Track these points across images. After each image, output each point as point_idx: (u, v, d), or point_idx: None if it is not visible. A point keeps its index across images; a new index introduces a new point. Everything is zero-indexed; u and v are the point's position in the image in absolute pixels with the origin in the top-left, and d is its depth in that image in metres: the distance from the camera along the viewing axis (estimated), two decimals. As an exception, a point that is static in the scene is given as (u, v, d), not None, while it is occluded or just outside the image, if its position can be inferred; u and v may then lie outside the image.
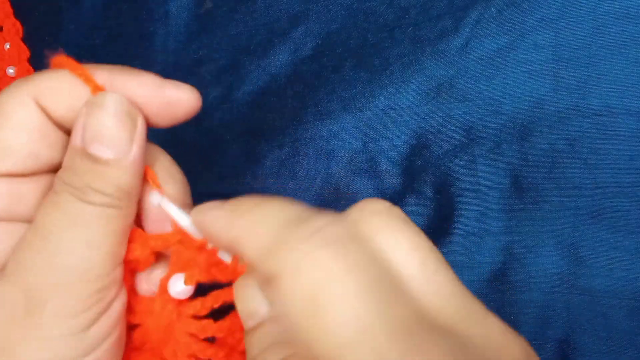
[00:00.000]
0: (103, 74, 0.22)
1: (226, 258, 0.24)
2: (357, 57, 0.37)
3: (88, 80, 0.22)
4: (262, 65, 0.39)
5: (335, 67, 0.37)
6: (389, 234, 0.19)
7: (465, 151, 0.35)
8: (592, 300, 0.32)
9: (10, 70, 0.43)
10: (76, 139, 0.21)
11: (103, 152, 0.21)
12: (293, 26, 0.39)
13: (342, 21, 0.38)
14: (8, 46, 0.43)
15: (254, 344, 0.20)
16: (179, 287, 0.24)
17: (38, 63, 0.43)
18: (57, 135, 0.22)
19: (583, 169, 0.33)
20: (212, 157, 0.40)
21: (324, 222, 0.18)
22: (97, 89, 0.22)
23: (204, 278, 0.24)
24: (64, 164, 0.22)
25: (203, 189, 0.40)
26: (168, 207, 0.24)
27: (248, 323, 0.21)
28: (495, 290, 0.34)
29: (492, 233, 0.34)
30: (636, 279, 0.32)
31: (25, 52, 0.43)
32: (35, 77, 0.22)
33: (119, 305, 0.23)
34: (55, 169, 0.23)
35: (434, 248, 0.19)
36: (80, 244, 0.21)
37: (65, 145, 0.23)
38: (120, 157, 0.21)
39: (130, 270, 0.24)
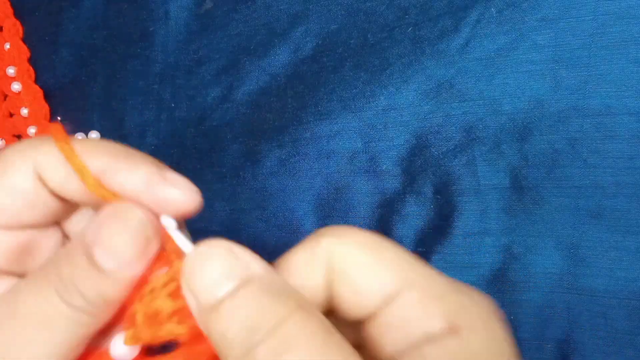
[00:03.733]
0: (100, 157, 0.21)
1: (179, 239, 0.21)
2: (357, 57, 0.37)
3: (82, 173, 0.21)
4: (262, 65, 0.39)
5: (335, 67, 0.37)
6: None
7: (465, 151, 0.35)
8: (592, 300, 0.32)
9: (10, 70, 0.43)
10: (88, 235, 0.20)
11: (106, 262, 0.20)
12: (293, 26, 0.39)
13: (342, 21, 0.38)
14: (8, 46, 0.43)
15: (238, 309, 0.19)
16: (119, 349, 0.21)
17: (38, 63, 0.43)
18: (50, 201, 0.22)
19: (583, 169, 0.33)
20: (212, 157, 0.40)
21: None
22: (97, 188, 0.21)
23: (153, 337, 0.21)
24: (61, 252, 0.21)
25: (203, 189, 0.40)
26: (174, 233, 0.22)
27: (216, 293, 0.19)
28: (495, 290, 0.34)
29: (492, 233, 0.34)
30: (636, 279, 0.32)
31: (25, 52, 0.43)
32: (40, 145, 0.22)
33: None
34: (36, 227, 0.23)
35: None
36: (37, 337, 0.20)
37: (54, 211, 0.23)
38: (121, 272, 0.20)
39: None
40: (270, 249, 0.37)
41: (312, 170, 0.37)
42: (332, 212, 0.37)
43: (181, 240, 0.21)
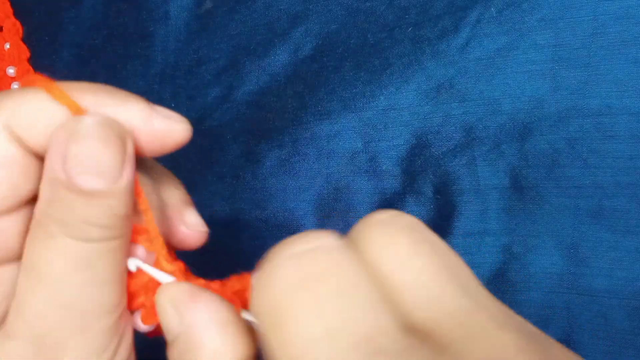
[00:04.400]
0: (87, 96, 0.20)
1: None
2: (357, 57, 0.37)
3: (66, 100, 0.19)
4: (262, 65, 0.39)
5: (335, 67, 0.37)
6: (386, 243, 0.18)
7: (465, 151, 0.35)
8: (592, 300, 0.32)
9: (10, 70, 0.43)
10: (57, 170, 0.19)
11: (94, 183, 0.18)
12: (293, 26, 0.39)
13: (342, 21, 0.38)
14: (8, 46, 0.43)
15: (170, 358, 0.20)
16: (140, 325, 0.22)
17: (38, 63, 0.43)
18: (36, 165, 0.20)
19: (583, 169, 0.33)
20: (212, 157, 0.40)
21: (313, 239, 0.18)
22: (78, 110, 0.19)
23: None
24: (44, 197, 0.19)
25: (203, 189, 0.40)
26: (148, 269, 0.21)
27: (168, 338, 0.20)
28: (495, 290, 0.34)
29: (492, 233, 0.34)
30: (636, 279, 0.32)
31: (25, 52, 0.43)
32: (5, 103, 0.19)
33: (130, 330, 0.21)
34: (33, 200, 0.21)
35: (440, 253, 0.17)
36: (89, 285, 0.19)
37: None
38: (113, 185, 0.19)
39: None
40: (270, 249, 0.37)
41: (312, 170, 0.37)
42: (332, 212, 0.37)
43: (157, 274, 0.21)
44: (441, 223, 0.35)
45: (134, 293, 0.22)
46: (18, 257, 0.21)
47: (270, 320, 0.16)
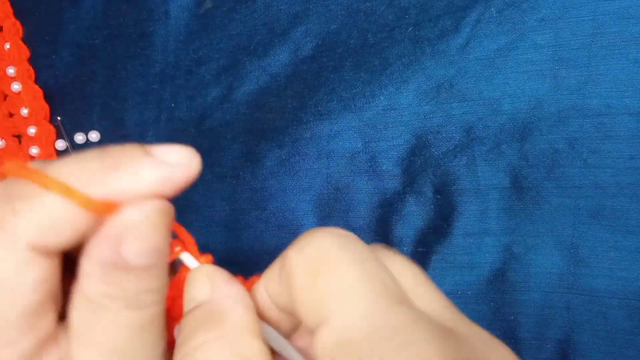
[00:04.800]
0: (75, 177, 0.19)
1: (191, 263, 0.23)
2: (357, 57, 0.37)
3: (68, 193, 0.18)
4: (262, 65, 0.39)
5: (335, 67, 0.37)
6: (384, 252, 0.21)
7: (465, 151, 0.35)
8: (592, 301, 0.32)
9: (10, 70, 0.43)
10: (103, 253, 0.19)
11: (147, 261, 0.19)
12: (293, 26, 0.39)
13: (342, 21, 0.38)
14: (8, 46, 0.43)
15: (183, 327, 0.21)
16: None
17: (38, 63, 0.43)
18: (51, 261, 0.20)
19: (583, 169, 0.33)
20: (212, 157, 0.40)
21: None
22: (107, 208, 0.19)
23: None
24: (94, 277, 0.19)
25: (203, 189, 0.40)
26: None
27: (187, 307, 0.22)
28: (495, 290, 0.34)
29: (492, 233, 0.34)
30: (636, 279, 0.32)
31: (25, 52, 0.43)
32: (25, 218, 0.18)
33: None
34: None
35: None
36: (149, 347, 0.20)
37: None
38: (157, 261, 0.20)
39: None
40: (270, 249, 0.37)
41: (312, 170, 0.37)
42: (332, 212, 0.37)
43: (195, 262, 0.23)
44: (441, 223, 0.35)
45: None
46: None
47: (310, 269, 0.19)
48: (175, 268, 0.24)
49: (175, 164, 0.20)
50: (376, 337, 0.18)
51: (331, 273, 0.19)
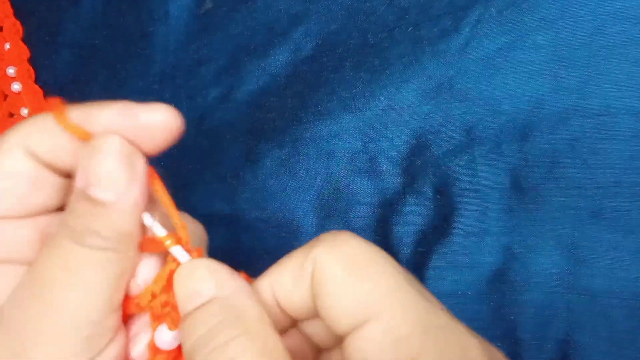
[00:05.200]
0: (79, 113, 0.22)
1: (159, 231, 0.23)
2: (357, 57, 0.37)
3: (73, 129, 0.22)
4: (262, 65, 0.39)
5: (335, 67, 0.37)
6: None
7: (465, 151, 0.35)
8: (592, 300, 0.32)
9: (10, 70, 0.43)
10: (79, 181, 0.21)
11: (103, 194, 0.21)
12: (293, 26, 0.39)
13: (342, 21, 0.38)
14: (8, 46, 0.43)
15: (198, 324, 0.20)
16: (165, 335, 0.22)
17: (38, 63, 0.43)
18: (53, 179, 0.23)
19: (583, 169, 0.33)
20: (212, 157, 0.40)
21: None
22: (85, 135, 0.22)
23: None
24: (67, 207, 0.22)
25: (203, 189, 0.40)
26: (157, 229, 0.23)
27: (188, 305, 0.21)
28: (495, 290, 0.34)
29: (492, 233, 0.34)
30: (636, 279, 0.32)
31: (25, 52, 0.43)
32: (25, 125, 0.22)
33: (113, 351, 0.22)
34: (54, 211, 0.23)
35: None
36: (74, 288, 0.20)
37: (66, 188, 0.23)
38: (121, 200, 0.21)
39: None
40: (270, 249, 0.37)
41: (312, 170, 0.37)
42: (332, 212, 0.37)
43: (178, 252, 0.23)
44: (441, 223, 0.35)
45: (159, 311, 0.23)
46: (26, 262, 0.22)
47: (349, 267, 0.20)
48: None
49: (154, 120, 0.22)
50: (428, 334, 0.19)
51: (374, 272, 0.20)
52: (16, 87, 0.42)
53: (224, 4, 0.41)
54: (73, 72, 0.43)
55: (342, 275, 0.20)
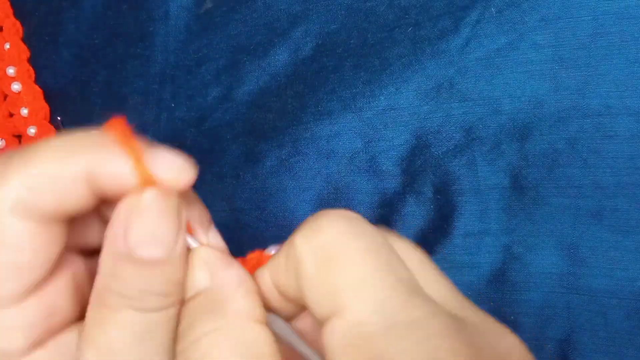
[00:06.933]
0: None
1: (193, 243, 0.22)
2: (357, 57, 0.37)
3: (141, 169, 0.20)
4: (262, 65, 0.39)
5: (335, 67, 0.37)
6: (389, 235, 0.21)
7: (465, 151, 0.35)
8: (592, 300, 0.32)
9: (10, 70, 0.43)
10: (119, 242, 0.19)
11: (153, 252, 0.19)
12: (293, 26, 0.39)
13: (342, 21, 0.38)
14: (8, 46, 0.43)
15: (184, 316, 0.20)
16: None
17: (38, 63, 0.43)
18: (52, 232, 0.20)
19: (583, 169, 0.33)
20: (212, 157, 0.40)
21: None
22: (147, 181, 0.20)
23: None
24: (104, 271, 0.20)
25: (203, 189, 0.40)
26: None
27: (186, 295, 0.21)
28: (495, 290, 0.34)
29: (492, 233, 0.34)
30: (636, 279, 0.32)
31: (25, 52, 0.43)
32: (84, 148, 0.20)
33: None
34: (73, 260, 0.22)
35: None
36: (150, 355, 0.20)
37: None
38: (171, 254, 0.20)
39: None
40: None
41: (312, 170, 0.37)
42: (332, 212, 0.37)
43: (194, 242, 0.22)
44: (441, 223, 0.35)
45: None
46: (74, 319, 0.21)
47: (321, 258, 0.19)
48: None
49: (169, 171, 0.21)
50: (393, 331, 0.17)
51: (344, 263, 0.19)
52: (16, 87, 0.42)
53: (224, 4, 0.41)
54: (73, 72, 0.43)
55: (312, 268, 0.19)
